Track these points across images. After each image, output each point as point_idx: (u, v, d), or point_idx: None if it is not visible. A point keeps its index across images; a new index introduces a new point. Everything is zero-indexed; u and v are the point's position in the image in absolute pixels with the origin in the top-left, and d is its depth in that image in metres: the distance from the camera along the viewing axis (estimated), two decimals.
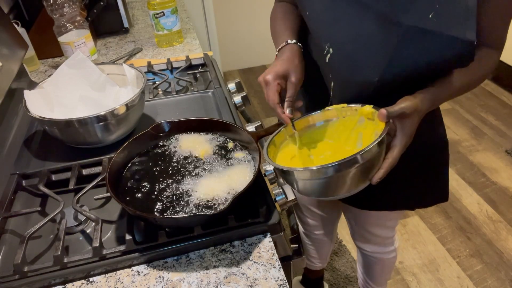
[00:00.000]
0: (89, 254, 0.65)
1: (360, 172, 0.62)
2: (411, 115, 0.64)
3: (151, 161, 0.78)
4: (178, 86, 1.14)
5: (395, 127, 0.65)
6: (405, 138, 0.65)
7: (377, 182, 0.64)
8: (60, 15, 1.18)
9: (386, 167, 0.64)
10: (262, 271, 0.64)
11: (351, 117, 0.72)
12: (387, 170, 0.65)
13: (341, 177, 0.62)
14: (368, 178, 0.65)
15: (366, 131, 0.70)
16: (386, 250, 1.18)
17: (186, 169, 0.76)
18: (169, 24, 1.35)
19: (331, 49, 0.72)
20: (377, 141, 0.60)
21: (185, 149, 0.80)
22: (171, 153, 0.79)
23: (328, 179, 0.62)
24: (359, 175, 0.63)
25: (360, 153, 0.59)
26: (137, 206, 0.69)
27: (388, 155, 0.65)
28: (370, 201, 0.94)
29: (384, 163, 0.65)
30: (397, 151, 0.65)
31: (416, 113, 0.65)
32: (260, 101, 2.86)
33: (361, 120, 0.70)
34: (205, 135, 0.83)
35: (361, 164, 0.60)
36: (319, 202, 1.17)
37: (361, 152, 0.59)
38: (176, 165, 0.77)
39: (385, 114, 0.62)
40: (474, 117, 2.54)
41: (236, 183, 0.71)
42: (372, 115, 0.68)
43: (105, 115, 0.83)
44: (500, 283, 1.63)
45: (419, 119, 0.67)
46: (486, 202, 1.97)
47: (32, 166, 0.85)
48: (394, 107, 0.64)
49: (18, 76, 1.06)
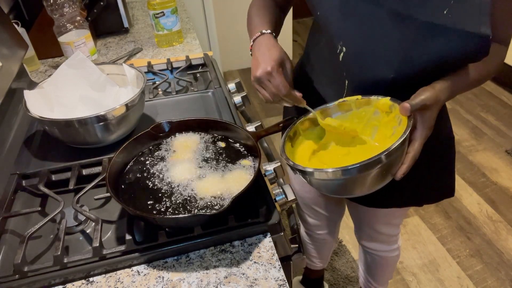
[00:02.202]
0: (89, 254, 0.65)
1: (383, 170, 0.61)
2: (431, 107, 0.64)
3: (151, 161, 0.78)
4: (178, 86, 1.14)
5: (416, 119, 0.64)
6: (426, 130, 0.65)
7: (401, 178, 0.64)
8: (60, 15, 1.18)
9: (409, 162, 0.64)
10: (262, 271, 0.64)
11: (366, 109, 0.71)
12: (411, 164, 0.64)
13: (364, 177, 0.61)
14: (391, 174, 0.64)
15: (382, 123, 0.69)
16: (390, 248, 1.19)
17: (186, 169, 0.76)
18: (169, 24, 1.35)
19: (344, 47, 0.72)
20: (402, 139, 0.59)
21: (185, 149, 0.80)
22: (171, 153, 0.79)
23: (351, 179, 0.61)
24: (383, 173, 0.62)
25: (384, 153, 0.58)
26: (137, 206, 0.69)
27: (410, 149, 0.64)
28: (378, 198, 0.94)
29: (406, 157, 0.64)
30: (418, 144, 0.64)
31: (436, 104, 0.64)
32: (260, 101, 2.85)
33: (376, 112, 0.70)
34: (205, 135, 0.83)
35: (385, 163, 0.59)
36: (324, 201, 1.17)
37: (386, 151, 0.58)
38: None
39: (408, 108, 0.61)
40: (474, 117, 2.54)
41: (236, 183, 0.71)
42: (389, 108, 0.67)
43: (105, 115, 0.83)
44: (500, 283, 1.63)
45: (438, 110, 0.66)
46: (486, 202, 1.97)
47: (32, 166, 0.85)
48: (415, 99, 0.63)
49: (18, 76, 1.06)
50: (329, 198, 1.16)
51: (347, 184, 0.63)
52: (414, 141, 0.65)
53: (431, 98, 0.63)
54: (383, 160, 0.58)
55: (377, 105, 0.69)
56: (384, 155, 0.58)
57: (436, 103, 0.64)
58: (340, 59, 0.74)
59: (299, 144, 0.75)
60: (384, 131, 0.70)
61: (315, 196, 1.16)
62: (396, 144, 0.58)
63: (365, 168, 0.58)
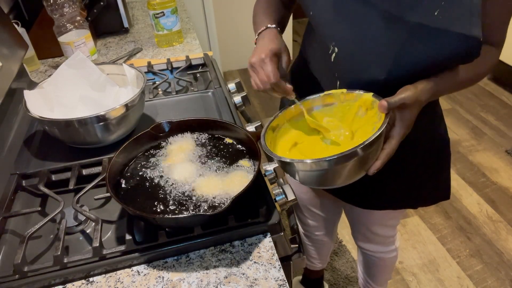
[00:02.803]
0: (89, 254, 0.65)
1: (358, 163, 0.62)
2: (411, 106, 0.64)
3: (151, 161, 0.78)
4: (178, 86, 1.14)
5: (395, 116, 0.65)
6: (403, 128, 0.65)
7: (374, 173, 0.65)
8: (60, 15, 1.18)
9: (384, 158, 0.64)
10: (262, 271, 0.64)
11: (349, 103, 0.72)
12: (385, 161, 0.65)
13: (340, 169, 0.62)
14: (365, 168, 0.65)
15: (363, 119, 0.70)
16: (387, 250, 1.18)
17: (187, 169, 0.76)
18: (169, 24, 1.35)
19: (336, 48, 0.72)
20: (377, 134, 0.60)
21: (184, 150, 0.80)
22: (171, 153, 0.79)
23: (326, 171, 0.63)
24: (357, 166, 0.63)
25: (359, 146, 0.59)
26: (137, 206, 0.69)
27: (386, 146, 0.65)
28: (373, 200, 0.94)
29: (381, 153, 0.65)
30: (395, 141, 0.65)
31: (416, 104, 0.65)
32: (260, 101, 2.86)
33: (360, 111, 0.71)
34: (205, 135, 0.83)
35: (360, 156, 0.60)
36: (320, 202, 1.17)
37: (361, 145, 0.59)
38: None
39: (385, 106, 0.62)
40: (474, 117, 2.54)
41: (236, 183, 0.71)
42: (371, 104, 0.68)
43: (105, 115, 0.83)
44: (500, 283, 1.63)
45: (418, 110, 0.67)
46: (486, 202, 1.97)
47: (32, 166, 0.85)
48: (394, 97, 0.63)
49: (18, 76, 1.06)
50: (326, 199, 1.16)
51: (323, 176, 0.64)
52: (391, 139, 0.65)
53: (411, 97, 0.63)
54: (358, 153, 0.59)
55: (360, 101, 0.69)
56: (360, 148, 0.59)
57: (416, 103, 0.65)
58: (332, 59, 0.74)
59: (282, 135, 0.75)
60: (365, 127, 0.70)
61: (311, 197, 1.16)
62: (371, 139, 0.59)
63: (340, 160, 0.60)
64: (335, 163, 0.60)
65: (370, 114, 0.69)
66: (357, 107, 0.71)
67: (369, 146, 0.60)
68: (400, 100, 0.63)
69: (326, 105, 0.76)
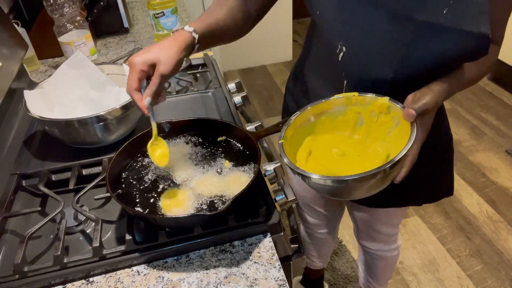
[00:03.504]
0: (89, 254, 0.65)
1: (385, 177, 0.61)
2: (432, 110, 0.64)
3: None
4: (178, 86, 1.14)
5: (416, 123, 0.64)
6: (423, 133, 0.65)
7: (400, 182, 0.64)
8: (60, 15, 1.18)
9: (408, 166, 0.64)
10: (262, 271, 0.64)
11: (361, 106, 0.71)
12: (409, 168, 0.64)
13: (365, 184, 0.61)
14: (390, 180, 0.64)
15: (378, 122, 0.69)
16: (390, 248, 1.19)
17: (186, 169, 0.76)
18: (169, 24, 1.35)
19: (344, 47, 0.72)
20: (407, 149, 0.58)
21: (184, 149, 0.80)
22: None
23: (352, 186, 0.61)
24: (383, 179, 0.62)
25: (388, 164, 0.57)
26: (137, 206, 0.68)
27: (408, 152, 0.63)
28: (377, 198, 0.94)
29: (406, 161, 0.64)
30: (416, 147, 0.65)
31: (436, 107, 0.65)
32: (260, 101, 2.86)
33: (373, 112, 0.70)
34: (204, 135, 0.83)
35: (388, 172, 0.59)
36: (324, 201, 1.17)
37: (390, 163, 0.57)
38: None
39: (414, 114, 0.61)
40: (474, 117, 2.53)
41: (236, 183, 0.71)
42: (387, 109, 0.67)
43: (105, 115, 0.83)
44: (500, 283, 1.63)
45: (435, 112, 0.67)
46: (486, 202, 1.97)
47: (32, 166, 0.85)
48: (417, 103, 0.63)
49: (18, 76, 1.06)
50: (329, 198, 1.16)
51: (347, 190, 0.63)
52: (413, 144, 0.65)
53: (432, 102, 0.63)
54: (387, 170, 0.58)
55: (375, 105, 0.69)
56: (388, 167, 0.57)
57: (436, 107, 0.65)
58: (339, 59, 0.73)
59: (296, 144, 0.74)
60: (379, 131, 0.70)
61: (314, 196, 1.16)
62: (401, 155, 0.58)
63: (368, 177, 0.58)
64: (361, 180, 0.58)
65: (384, 119, 0.68)
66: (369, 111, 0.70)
67: (397, 163, 0.58)
68: (423, 106, 0.62)
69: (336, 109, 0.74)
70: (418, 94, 0.65)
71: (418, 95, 0.64)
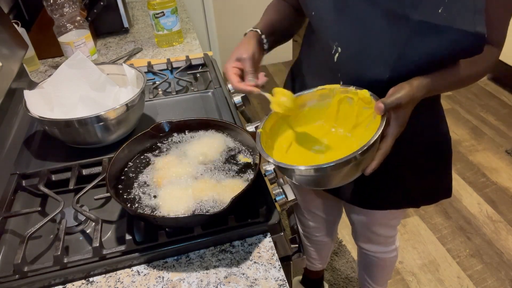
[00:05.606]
0: (89, 254, 0.65)
1: (355, 166, 0.63)
2: (406, 105, 0.64)
3: (151, 161, 0.78)
4: (178, 86, 1.14)
5: (389, 115, 0.65)
6: (398, 127, 0.65)
7: (370, 173, 0.65)
8: (60, 15, 1.18)
9: (380, 158, 0.65)
10: (262, 271, 0.64)
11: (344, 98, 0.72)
12: (381, 160, 0.65)
13: (337, 173, 0.63)
14: (361, 169, 0.65)
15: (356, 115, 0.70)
16: (388, 249, 1.18)
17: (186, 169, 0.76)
18: (169, 24, 1.35)
19: (340, 48, 0.72)
20: (374, 139, 0.60)
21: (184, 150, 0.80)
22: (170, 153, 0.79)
23: (323, 175, 0.63)
24: (354, 169, 0.63)
25: (358, 152, 0.59)
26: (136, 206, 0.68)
27: (381, 145, 0.65)
28: (375, 200, 0.94)
29: (377, 154, 0.65)
30: (390, 140, 0.65)
31: (411, 102, 0.65)
32: (260, 101, 2.86)
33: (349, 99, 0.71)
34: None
35: (358, 160, 0.61)
36: (321, 203, 1.17)
37: (359, 150, 0.59)
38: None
39: (382, 108, 0.62)
40: (474, 117, 2.54)
41: (236, 183, 0.71)
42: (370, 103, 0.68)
43: (105, 115, 0.83)
44: (500, 283, 1.63)
45: (413, 107, 0.67)
46: (486, 202, 1.97)
47: (32, 166, 0.85)
48: (390, 97, 0.63)
49: (18, 76, 1.06)
50: (327, 200, 1.16)
51: (320, 179, 0.65)
52: (386, 138, 0.65)
53: (407, 96, 0.63)
54: (357, 158, 0.60)
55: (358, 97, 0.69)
56: (358, 154, 0.59)
57: (411, 101, 0.65)
58: (335, 59, 0.74)
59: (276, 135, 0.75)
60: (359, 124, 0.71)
61: (312, 199, 1.16)
62: (370, 143, 0.60)
63: (339, 166, 0.60)
64: (332, 169, 0.60)
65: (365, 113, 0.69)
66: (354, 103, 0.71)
67: (366, 151, 0.60)
68: (396, 100, 0.63)
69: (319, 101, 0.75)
70: (396, 88, 0.65)
71: (395, 88, 0.65)
